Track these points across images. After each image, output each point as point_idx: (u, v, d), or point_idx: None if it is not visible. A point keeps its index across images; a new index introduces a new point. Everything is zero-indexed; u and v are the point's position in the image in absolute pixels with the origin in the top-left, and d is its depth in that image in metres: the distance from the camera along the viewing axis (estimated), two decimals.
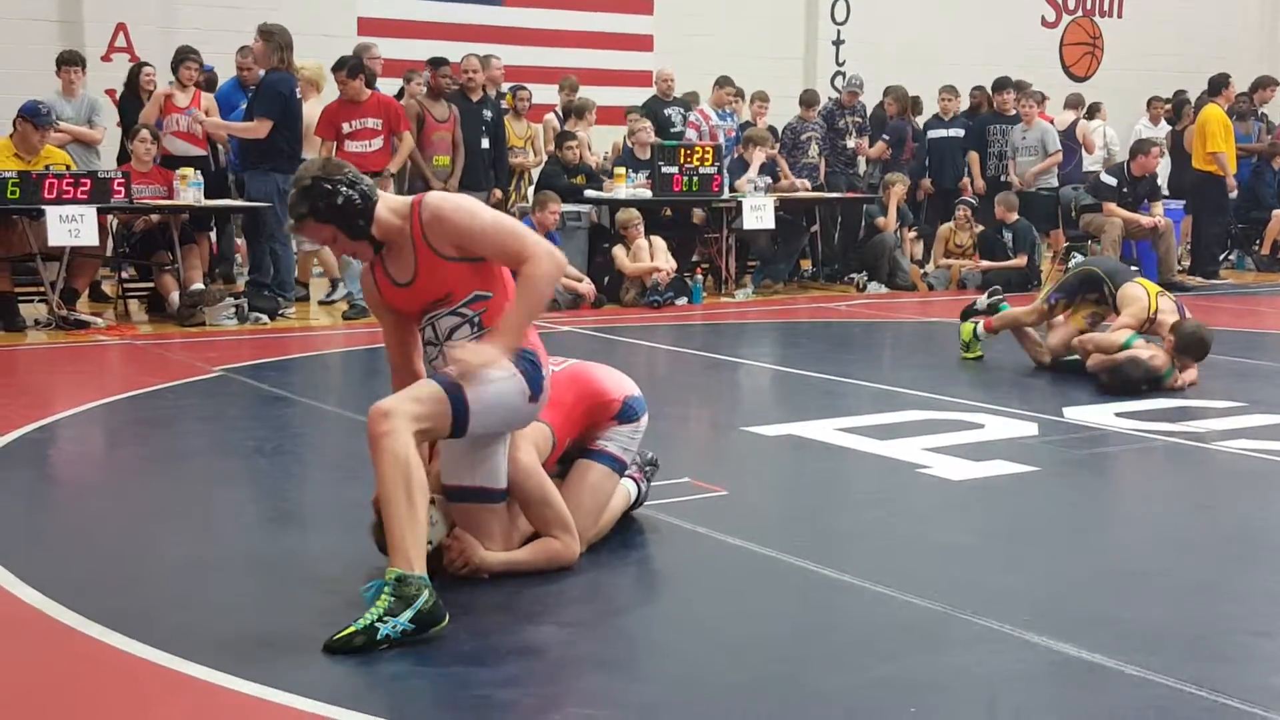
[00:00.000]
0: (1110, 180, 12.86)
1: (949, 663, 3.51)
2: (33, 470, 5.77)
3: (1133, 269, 12.72)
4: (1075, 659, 3.51)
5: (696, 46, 16.04)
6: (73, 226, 9.31)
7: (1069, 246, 13.93)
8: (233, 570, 4.32)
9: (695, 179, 11.88)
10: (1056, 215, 13.88)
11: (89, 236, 9.42)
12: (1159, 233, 12.84)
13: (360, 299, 9.84)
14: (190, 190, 10.03)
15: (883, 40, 17.41)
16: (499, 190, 11.94)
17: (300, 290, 11.25)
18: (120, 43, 13.56)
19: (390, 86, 11.94)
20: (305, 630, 3.60)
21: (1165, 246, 12.96)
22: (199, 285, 10.06)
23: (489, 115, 11.86)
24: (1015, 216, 12.75)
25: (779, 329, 10.77)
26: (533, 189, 12.28)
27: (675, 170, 11.82)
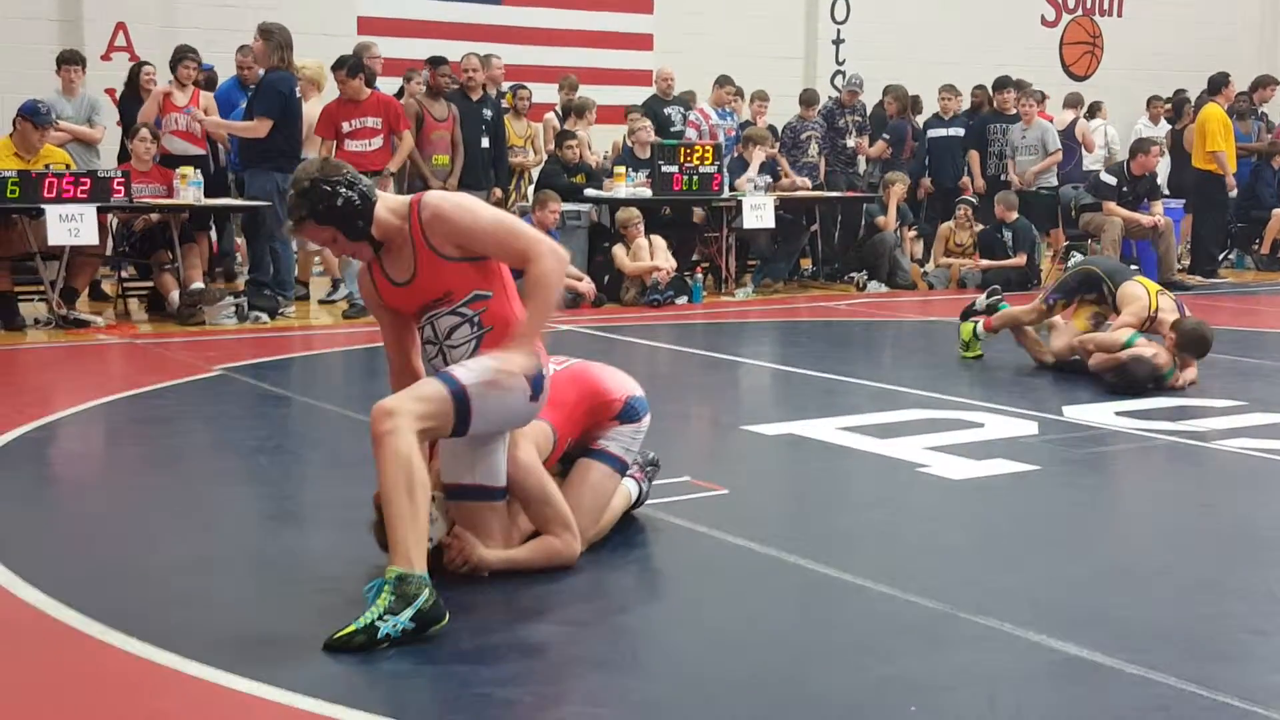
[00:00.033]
0: (1110, 179, 12.86)
1: (949, 661, 3.51)
2: (32, 469, 5.77)
3: (1132, 268, 12.75)
4: (1076, 658, 3.51)
5: (696, 45, 16.04)
6: (72, 226, 9.30)
7: (1069, 245, 13.93)
8: (233, 569, 4.32)
9: (695, 178, 11.87)
10: (1056, 214, 13.88)
11: (89, 235, 9.42)
12: (1159, 232, 12.84)
13: (360, 298, 9.83)
14: (190, 189, 10.03)
15: (883, 39, 17.41)
16: (499, 189, 11.94)
17: (300, 289, 11.25)
18: (120, 42, 13.53)
19: (390, 85, 11.93)
20: (306, 629, 3.60)
21: (1165, 245, 12.96)
22: (199, 284, 10.06)
23: (489, 114, 11.85)
24: (1015, 215, 12.74)
25: (779, 328, 10.77)
26: (533, 188, 12.28)
27: (675, 169, 11.81)
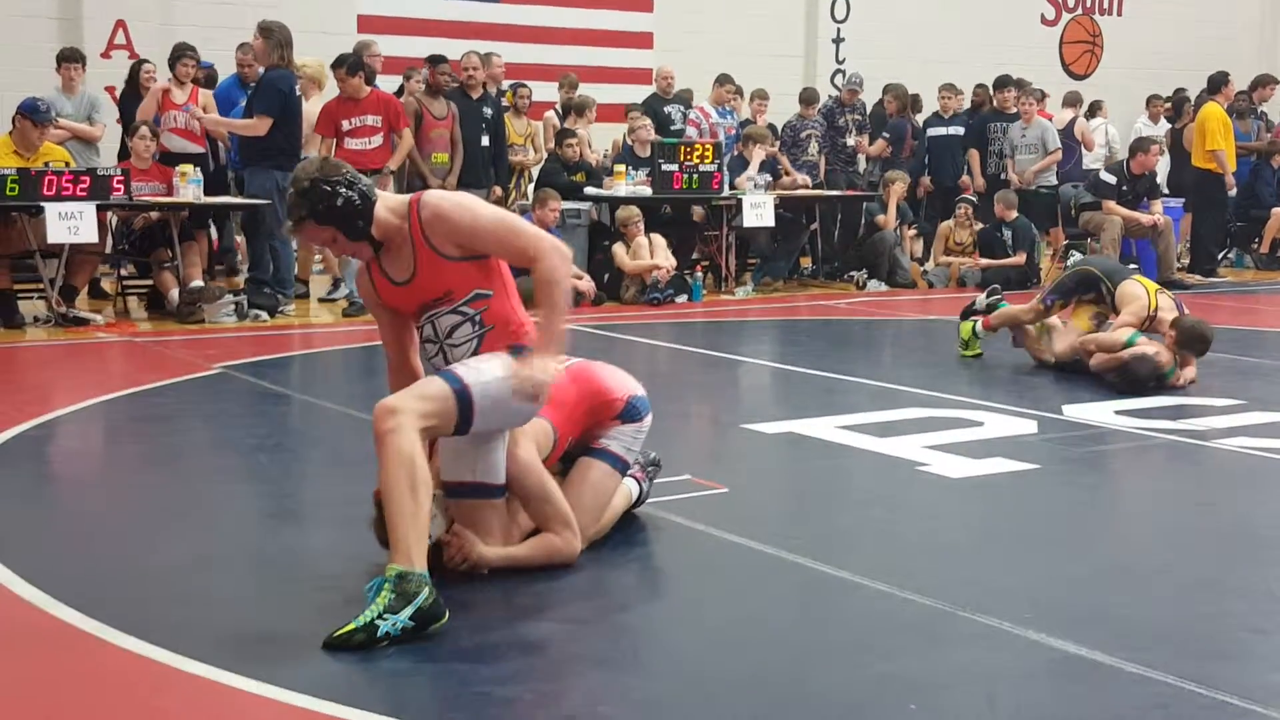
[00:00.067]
0: (1110, 178, 12.86)
1: (949, 660, 3.51)
2: (32, 468, 5.77)
3: (1131, 267, 12.75)
4: (1075, 656, 3.51)
5: (696, 44, 16.04)
6: (72, 223, 9.30)
7: (1068, 244, 13.93)
8: (233, 567, 4.32)
9: (695, 177, 11.87)
10: (1056, 213, 13.88)
11: (88, 233, 9.42)
12: (1158, 231, 12.84)
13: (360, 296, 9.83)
14: (190, 187, 10.03)
15: (883, 38, 17.40)
16: (499, 188, 11.93)
17: (300, 287, 11.25)
18: (120, 40, 13.53)
19: (390, 84, 11.93)
20: (305, 627, 3.60)
21: (1165, 244, 12.96)
22: (198, 282, 10.06)
23: (489, 113, 11.85)
24: (1015, 214, 12.74)
25: (779, 327, 10.77)
26: (533, 186, 12.28)
27: (675, 168, 11.80)
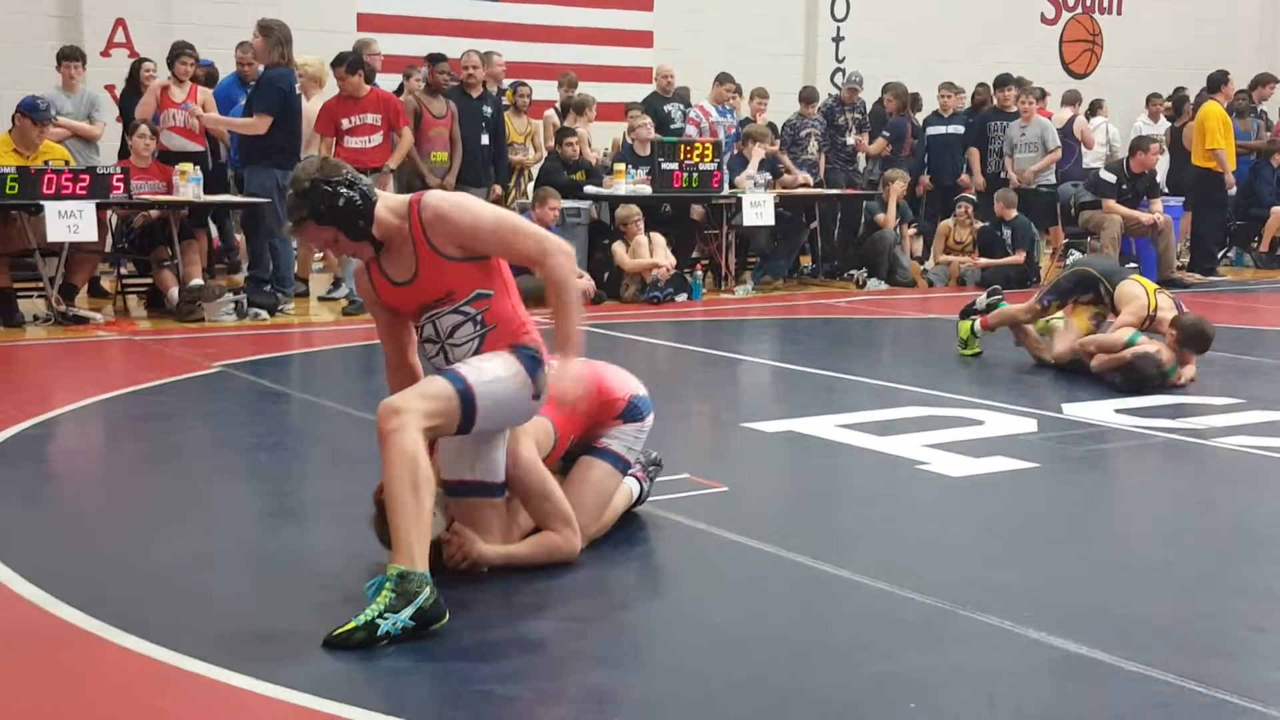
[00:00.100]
0: (1110, 177, 12.85)
1: (949, 658, 3.51)
2: (31, 466, 5.77)
3: (1130, 266, 12.75)
4: (1075, 655, 3.51)
5: (696, 42, 16.04)
6: (71, 222, 9.30)
7: (1068, 243, 13.93)
8: (232, 565, 4.32)
9: (695, 175, 11.87)
10: (1055, 212, 13.88)
11: (88, 232, 9.42)
12: (1158, 229, 12.84)
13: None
14: (190, 186, 10.03)
15: (882, 37, 17.40)
16: (499, 186, 11.93)
17: (300, 286, 11.25)
18: (119, 38, 13.54)
19: (390, 82, 11.93)
20: (305, 625, 3.60)
21: (1164, 243, 12.96)
22: (198, 281, 10.06)
23: (489, 111, 11.84)
24: (1014, 213, 12.74)
25: (779, 325, 10.76)
26: (532, 185, 12.27)
27: (675, 166, 11.81)
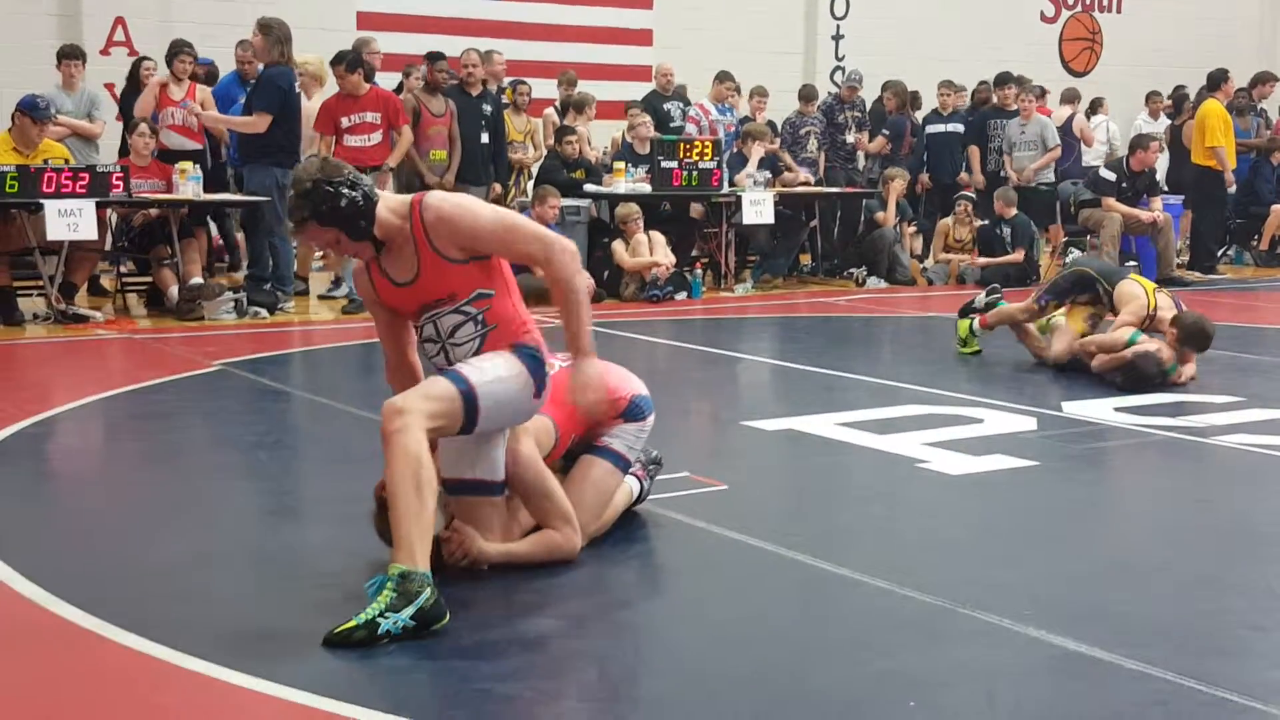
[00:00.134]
0: (1109, 175, 12.85)
1: (948, 657, 3.51)
2: (31, 465, 5.77)
3: (1130, 264, 12.76)
4: (1074, 653, 3.51)
5: (696, 41, 16.04)
6: (71, 220, 9.30)
7: (1068, 241, 13.92)
8: (232, 564, 4.32)
9: (695, 174, 11.87)
10: (1055, 210, 13.87)
11: (87, 230, 9.42)
12: (1158, 228, 12.84)
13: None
14: (189, 184, 10.03)
15: (882, 35, 17.41)
16: (498, 185, 11.93)
17: (300, 284, 11.25)
18: (119, 37, 13.54)
19: (390, 81, 11.93)
20: (305, 624, 3.60)
21: (1164, 241, 12.96)
22: (198, 279, 10.07)
23: (488, 110, 11.84)
24: (1014, 211, 12.74)
25: (778, 324, 10.76)
26: (532, 184, 12.27)
27: (675, 165, 11.81)
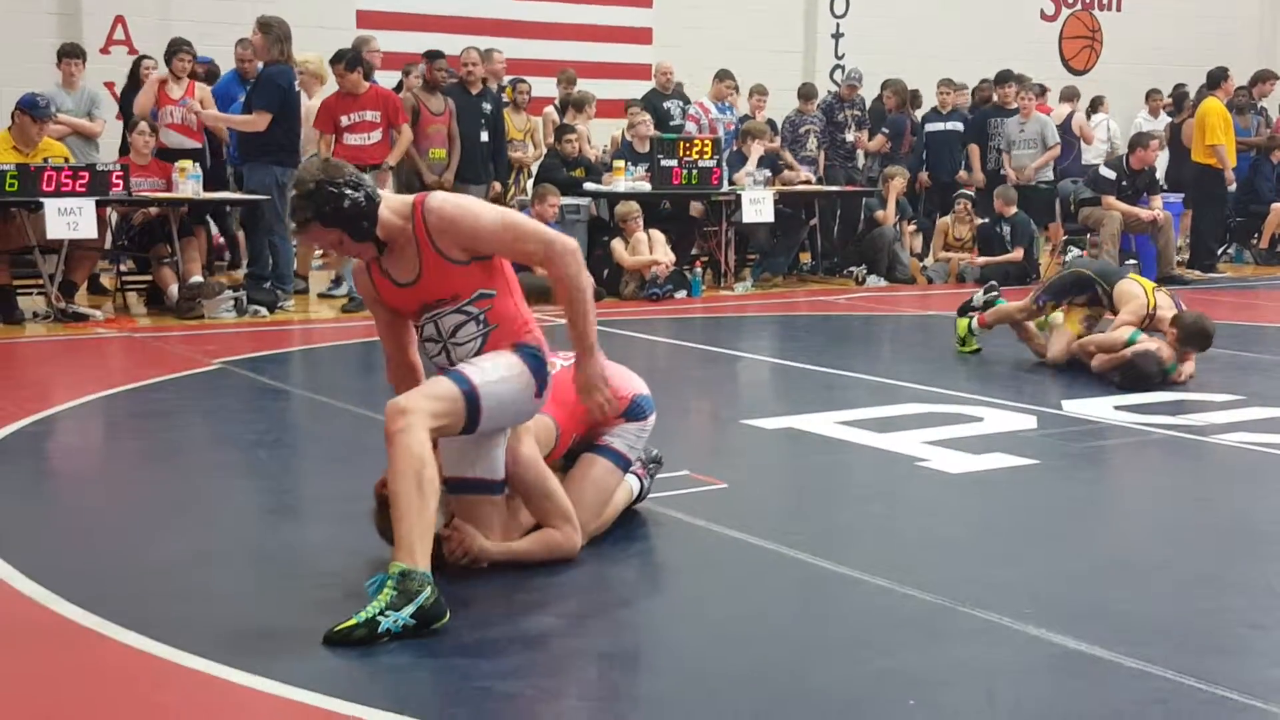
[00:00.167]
0: (1109, 174, 12.84)
1: (948, 655, 3.52)
2: (31, 463, 5.77)
3: (1130, 263, 12.75)
4: (1074, 651, 3.51)
5: (696, 39, 16.04)
6: (71, 219, 9.31)
7: (1067, 240, 13.91)
8: (232, 562, 4.32)
9: (694, 172, 11.87)
10: (1054, 208, 13.86)
11: (87, 229, 9.42)
12: (1158, 226, 12.83)
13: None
14: (189, 183, 10.03)
15: (882, 33, 17.41)
16: (498, 183, 11.92)
17: (300, 283, 11.25)
18: (119, 35, 13.54)
19: (389, 79, 11.92)
20: (305, 622, 3.60)
21: (1164, 240, 12.95)
22: (198, 278, 10.07)
23: (488, 108, 11.84)
24: (1014, 210, 12.74)
25: (778, 322, 10.76)
26: (532, 182, 12.27)
27: (674, 163, 11.81)
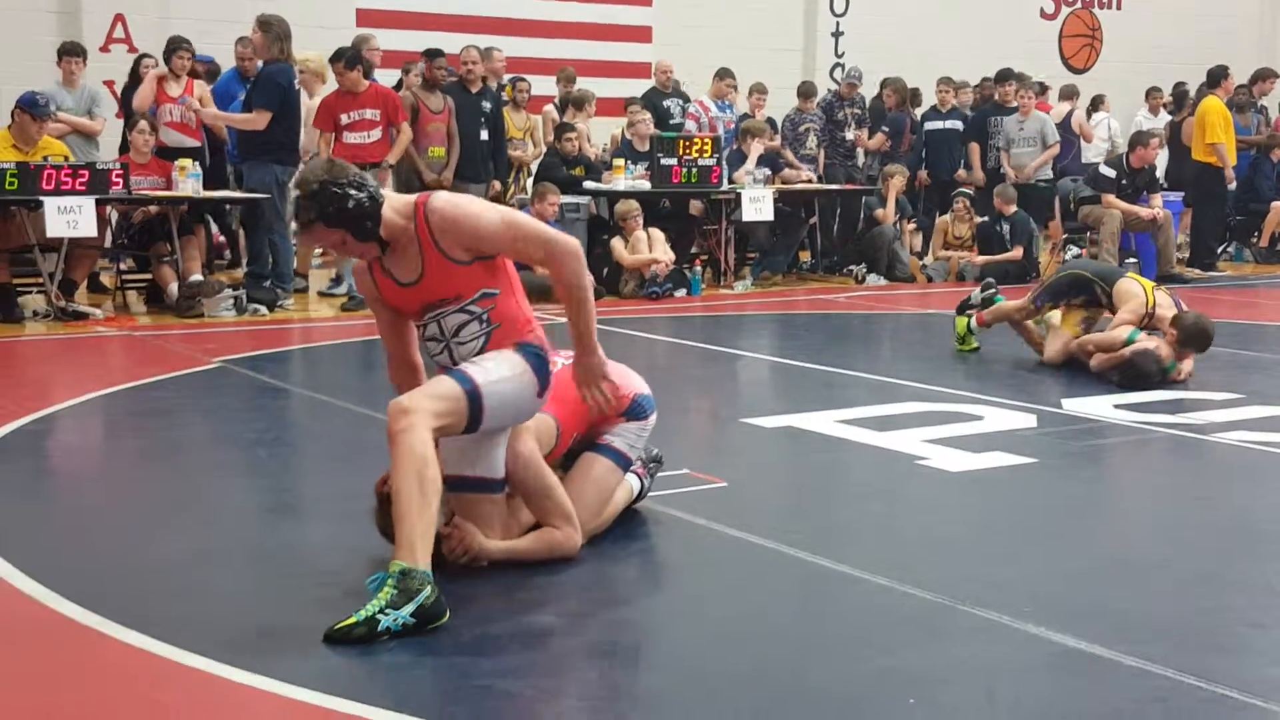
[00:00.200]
0: (1109, 172, 12.84)
1: (948, 654, 3.52)
2: (31, 462, 5.77)
3: (1130, 262, 12.75)
4: (1074, 650, 3.51)
5: (695, 38, 16.03)
6: (71, 218, 9.31)
7: (1067, 239, 13.91)
8: (232, 561, 4.32)
9: (694, 171, 11.87)
10: (1053, 207, 13.85)
11: (87, 227, 9.43)
12: (1158, 225, 12.83)
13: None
14: (189, 181, 10.03)
15: (882, 32, 17.40)
16: (498, 182, 11.92)
17: (300, 282, 11.25)
18: (118, 34, 13.54)
19: (390, 78, 11.92)
20: (305, 621, 3.60)
21: (1164, 239, 12.95)
22: (197, 276, 10.07)
23: (488, 107, 11.83)
24: (1014, 209, 12.73)
25: (778, 321, 10.76)
26: (531, 181, 12.27)
27: (674, 162, 11.81)
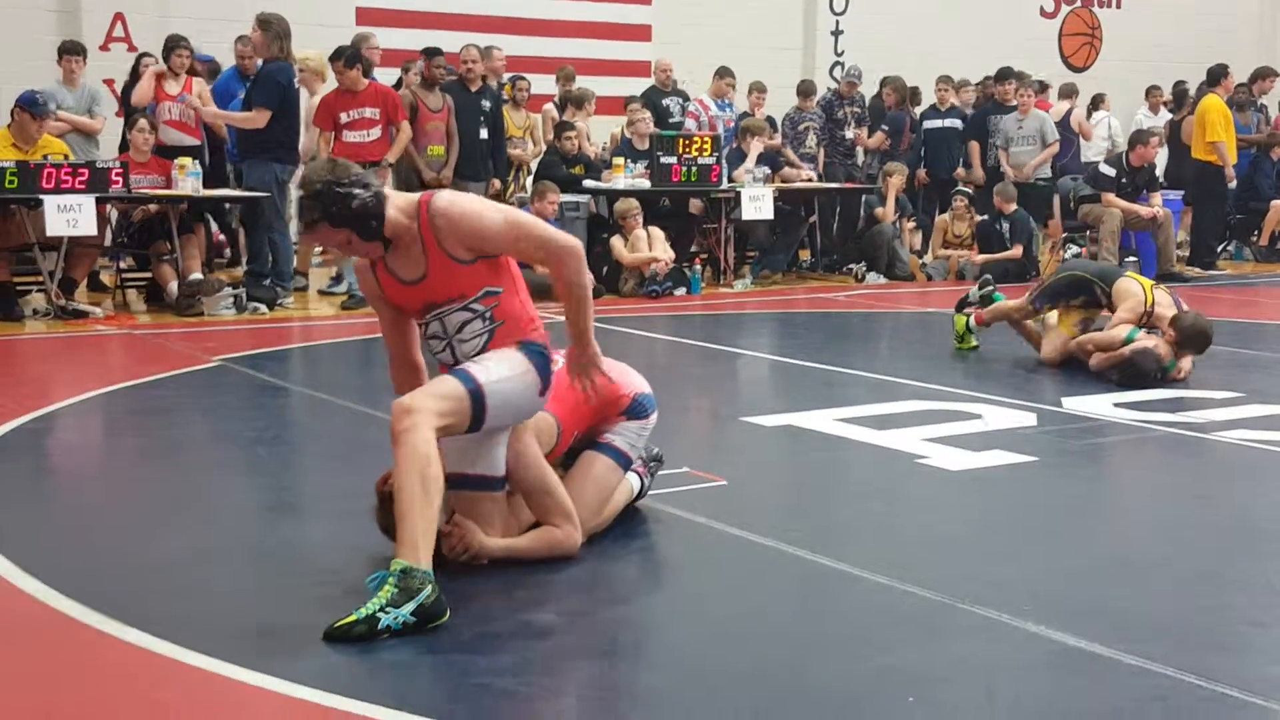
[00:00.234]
0: (1109, 171, 12.84)
1: (947, 652, 3.52)
2: (31, 460, 5.77)
3: (1130, 260, 12.75)
4: (1074, 648, 3.51)
5: (695, 36, 16.03)
6: (71, 216, 9.31)
7: (1067, 237, 13.90)
8: (232, 560, 4.32)
9: (694, 169, 11.87)
10: (1053, 205, 13.85)
11: (87, 226, 9.43)
12: (1158, 223, 12.82)
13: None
14: (189, 180, 10.03)
15: (881, 31, 17.39)
16: (497, 181, 11.92)
17: (300, 280, 11.26)
18: (118, 32, 13.54)
19: (389, 76, 11.92)
20: (305, 619, 3.60)
21: (1164, 237, 12.94)
22: (197, 275, 10.07)
23: (488, 105, 11.83)
24: (1013, 207, 12.73)
25: (777, 319, 10.76)
26: (531, 179, 12.27)
27: (674, 160, 11.81)
